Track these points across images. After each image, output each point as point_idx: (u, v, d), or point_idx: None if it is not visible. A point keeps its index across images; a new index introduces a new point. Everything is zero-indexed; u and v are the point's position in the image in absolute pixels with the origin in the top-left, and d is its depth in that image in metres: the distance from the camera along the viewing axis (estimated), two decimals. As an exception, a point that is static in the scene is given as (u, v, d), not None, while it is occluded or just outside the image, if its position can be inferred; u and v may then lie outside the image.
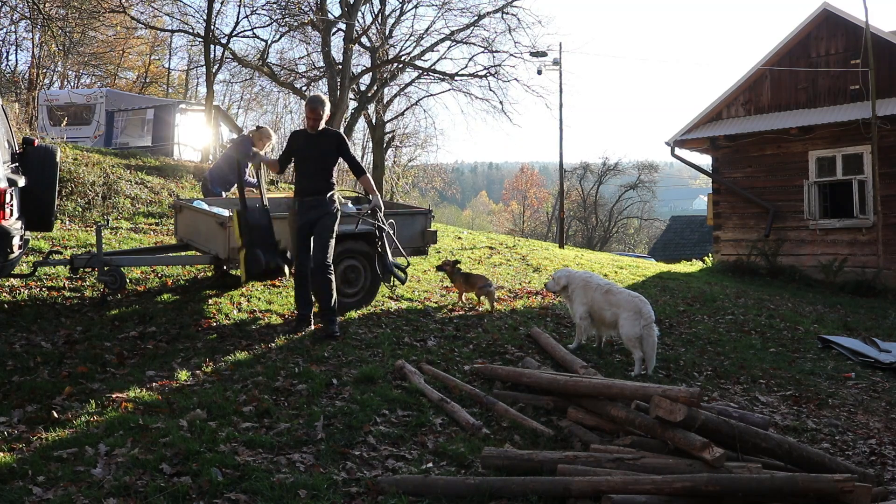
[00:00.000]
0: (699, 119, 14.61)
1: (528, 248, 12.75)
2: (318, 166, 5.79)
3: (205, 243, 6.51)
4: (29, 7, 16.93)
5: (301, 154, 5.85)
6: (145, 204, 10.38)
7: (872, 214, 12.37)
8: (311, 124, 5.77)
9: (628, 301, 5.80)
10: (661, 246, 31.27)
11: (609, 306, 5.88)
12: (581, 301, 6.06)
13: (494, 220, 58.33)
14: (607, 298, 5.91)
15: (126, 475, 3.30)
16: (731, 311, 8.87)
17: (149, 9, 20.73)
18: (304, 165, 5.84)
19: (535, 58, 20.92)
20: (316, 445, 3.85)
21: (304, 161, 5.83)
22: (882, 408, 5.78)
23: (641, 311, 5.71)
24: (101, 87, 22.59)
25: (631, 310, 5.74)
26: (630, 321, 5.71)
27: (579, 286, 6.15)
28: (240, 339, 5.62)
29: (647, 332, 5.69)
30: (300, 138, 5.88)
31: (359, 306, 6.58)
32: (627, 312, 5.74)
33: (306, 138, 5.82)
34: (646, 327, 5.68)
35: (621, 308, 5.79)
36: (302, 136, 5.89)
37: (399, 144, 31.26)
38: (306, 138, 5.82)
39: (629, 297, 5.87)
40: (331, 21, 19.05)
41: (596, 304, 5.97)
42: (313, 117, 5.74)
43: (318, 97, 5.92)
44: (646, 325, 5.68)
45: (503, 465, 3.69)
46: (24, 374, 4.60)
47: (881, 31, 12.69)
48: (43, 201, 6.13)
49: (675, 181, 64.84)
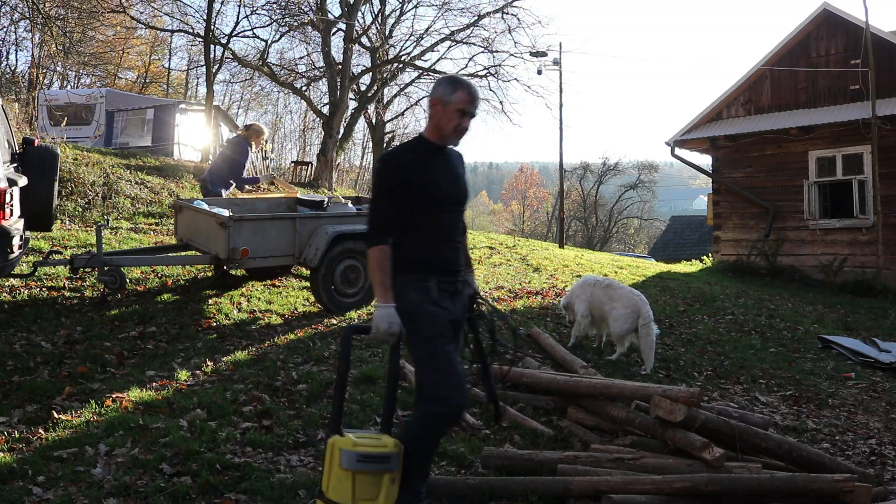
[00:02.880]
0: (699, 119, 14.61)
1: (528, 248, 12.75)
2: (462, 213, 3.19)
3: (205, 243, 6.50)
4: (29, 7, 16.93)
5: (439, 191, 3.04)
6: (145, 204, 10.38)
7: (872, 214, 12.37)
8: (460, 125, 3.03)
9: (628, 297, 5.82)
10: (661, 246, 31.26)
11: (609, 300, 5.90)
12: (582, 299, 6.08)
13: (494, 220, 58.30)
14: (608, 293, 5.93)
15: (126, 475, 3.30)
16: (731, 311, 8.87)
17: (149, 9, 20.75)
18: (443, 212, 3.06)
19: (535, 58, 20.93)
20: (316, 446, 3.85)
21: (442, 204, 3.05)
22: (882, 408, 5.78)
23: (640, 310, 5.71)
24: (101, 87, 22.59)
25: (629, 307, 5.75)
26: (623, 317, 5.74)
27: (579, 286, 6.21)
28: (240, 339, 5.62)
29: (644, 332, 5.69)
30: (430, 160, 3.05)
31: (359, 306, 6.58)
32: (624, 309, 5.76)
33: (441, 161, 3.09)
34: (644, 326, 5.68)
35: (619, 303, 5.82)
36: (430, 157, 3.06)
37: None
38: (441, 161, 3.09)
39: (630, 293, 5.88)
40: (331, 21, 19.04)
41: (596, 299, 5.98)
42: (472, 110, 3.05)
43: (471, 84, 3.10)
44: (644, 324, 5.68)
45: (503, 465, 3.69)
46: (24, 374, 4.60)
47: (881, 31, 12.69)
48: (43, 201, 6.13)
49: (675, 181, 64.87)
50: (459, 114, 3.02)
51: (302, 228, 6.39)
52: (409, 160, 3.03)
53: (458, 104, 3.00)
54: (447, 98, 3.01)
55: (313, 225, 6.46)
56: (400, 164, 3.03)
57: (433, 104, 3.07)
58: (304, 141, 35.00)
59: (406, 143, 3.20)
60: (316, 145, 30.82)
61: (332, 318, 6.27)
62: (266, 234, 6.24)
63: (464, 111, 3.01)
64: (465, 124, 3.04)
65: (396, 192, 2.98)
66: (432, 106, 3.07)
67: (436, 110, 3.05)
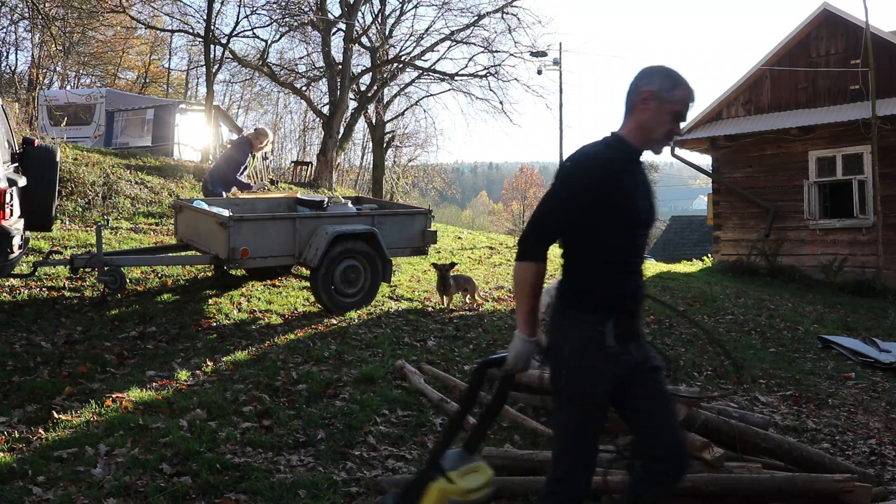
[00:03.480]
0: (699, 119, 14.60)
1: (528, 248, 12.73)
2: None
3: (205, 243, 6.51)
4: (29, 7, 16.94)
5: (636, 210, 2.48)
6: (145, 204, 10.38)
7: (872, 214, 12.37)
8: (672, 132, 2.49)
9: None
10: (661, 246, 31.25)
11: None
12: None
13: (494, 220, 58.31)
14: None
15: (126, 475, 3.30)
16: (731, 311, 8.87)
17: (149, 9, 20.75)
18: (638, 236, 2.52)
19: (535, 58, 20.93)
20: (316, 445, 3.85)
21: (638, 226, 2.51)
22: (882, 408, 5.78)
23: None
24: (101, 87, 22.60)
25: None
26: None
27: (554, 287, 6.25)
28: (240, 339, 5.62)
29: None
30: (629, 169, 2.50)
31: (359, 306, 6.58)
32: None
33: (640, 172, 2.56)
34: None
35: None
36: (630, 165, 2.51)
37: (399, 144, 31.26)
38: (640, 172, 2.56)
39: None
40: (331, 21, 19.03)
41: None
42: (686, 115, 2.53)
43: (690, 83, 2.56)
44: None
45: (503, 465, 3.69)
46: (24, 374, 4.60)
47: (881, 31, 12.68)
48: (43, 201, 6.13)
49: (675, 181, 64.86)
50: (673, 116, 2.45)
51: (302, 228, 6.39)
52: (608, 166, 2.41)
53: (676, 104, 2.44)
54: (666, 94, 2.44)
55: (313, 225, 6.46)
56: (596, 169, 2.39)
57: (645, 98, 2.45)
58: (304, 141, 35.05)
59: (601, 143, 2.51)
60: (316, 145, 30.84)
61: (332, 318, 6.27)
62: (266, 234, 6.24)
63: (679, 114, 2.46)
64: (678, 131, 2.49)
65: (581, 202, 2.36)
66: (643, 100, 2.45)
67: (648, 106, 2.44)
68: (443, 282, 6.96)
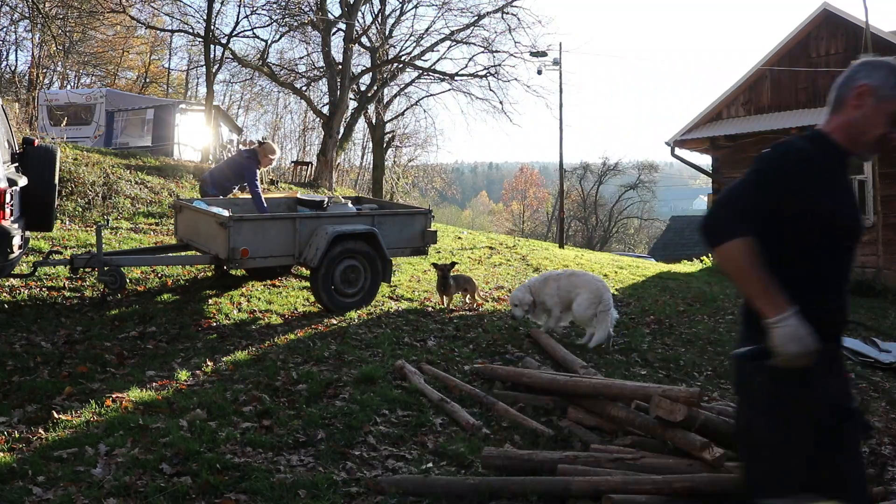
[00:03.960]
0: (699, 119, 14.61)
1: (528, 248, 12.75)
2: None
3: (205, 243, 6.51)
4: (29, 7, 16.94)
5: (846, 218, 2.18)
6: (145, 204, 10.38)
7: (872, 214, 12.37)
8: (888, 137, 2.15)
9: (591, 283, 6.14)
10: (661, 246, 31.28)
11: (574, 287, 6.17)
12: (551, 293, 6.25)
13: (494, 220, 58.31)
14: (572, 281, 6.21)
15: (126, 475, 3.30)
16: (731, 311, 8.86)
17: (149, 9, 20.75)
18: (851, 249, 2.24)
19: (535, 58, 20.95)
20: (316, 445, 3.85)
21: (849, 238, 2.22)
22: (882, 408, 5.77)
23: (602, 296, 6.02)
24: (101, 87, 22.61)
25: (592, 291, 6.05)
26: (587, 302, 6.02)
27: (541, 282, 6.36)
28: (240, 339, 5.62)
29: (602, 317, 5.99)
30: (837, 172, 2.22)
31: (359, 306, 6.58)
32: (587, 294, 6.05)
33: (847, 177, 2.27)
34: (602, 312, 5.99)
35: (583, 289, 6.10)
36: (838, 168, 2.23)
37: (399, 144, 31.31)
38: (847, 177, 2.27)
39: (592, 279, 6.23)
40: (331, 21, 19.04)
41: (563, 289, 6.21)
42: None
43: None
44: (603, 310, 5.99)
45: (503, 465, 3.69)
46: (24, 374, 4.60)
47: (881, 31, 12.68)
48: (43, 201, 6.13)
49: (675, 181, 64.79)
50: (891, 119, 2.08)
51: (302, 228, 6.39)
52: (815, 165, 2.09)
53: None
54: (888, 92, 2.07)
55: (313, 225, 6.46)
56: (802, 167, 2.08)
57: (861, 93, 2.10)
58: (304, 141, 35.10)
59: (806, 140, 2.18)
60: (316, 145, 30.86)
61: (332, 318, 6.27)
62: (266, 234, 6.24)
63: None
64: (893, 136, 2.11)
65: (783, 201, 2.06)
66: (859, 95, 2.10)
67: (863, 102, 2.09)
68: (443, 282, 6.96)
